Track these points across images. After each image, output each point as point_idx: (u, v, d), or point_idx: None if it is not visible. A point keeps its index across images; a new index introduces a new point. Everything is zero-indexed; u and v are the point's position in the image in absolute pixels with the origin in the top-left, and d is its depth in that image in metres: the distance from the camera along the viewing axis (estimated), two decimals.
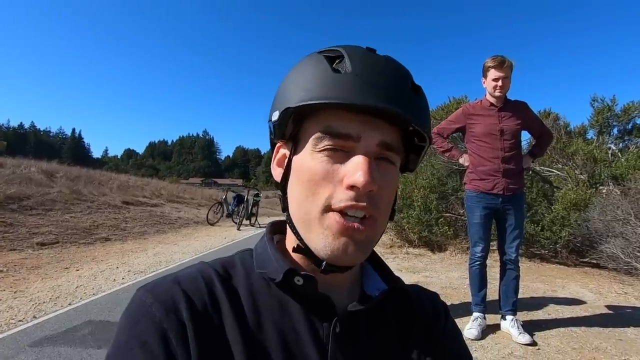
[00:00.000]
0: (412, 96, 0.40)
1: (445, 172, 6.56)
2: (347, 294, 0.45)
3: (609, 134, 7.30)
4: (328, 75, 0.38)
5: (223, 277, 0.42)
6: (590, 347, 2.26)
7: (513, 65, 2.42)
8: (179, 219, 9.92)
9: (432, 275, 4.28)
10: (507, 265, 2.52)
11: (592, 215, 4.51)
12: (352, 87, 0.37)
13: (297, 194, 0.41)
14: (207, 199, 16.40)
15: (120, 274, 4.15)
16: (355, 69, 0.38)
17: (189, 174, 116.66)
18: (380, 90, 0.38)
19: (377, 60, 0.40)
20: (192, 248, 6.16)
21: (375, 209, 0.39)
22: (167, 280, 0.40)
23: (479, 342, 2.34)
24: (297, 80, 0.41)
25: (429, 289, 0.55)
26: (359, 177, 0.36)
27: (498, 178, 2.47)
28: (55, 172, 10.38)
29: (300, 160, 0.41)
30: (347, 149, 0.39)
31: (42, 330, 2.49)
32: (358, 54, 0.40)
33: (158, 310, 0.37)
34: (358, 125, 0.38)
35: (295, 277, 0.40)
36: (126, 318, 0.38)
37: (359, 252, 0.39)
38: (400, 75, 0.41)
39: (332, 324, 0.40)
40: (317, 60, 0.40)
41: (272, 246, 0.45)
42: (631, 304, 3.22)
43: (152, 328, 0.36)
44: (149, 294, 0.38)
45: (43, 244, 5.24)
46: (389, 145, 0.40)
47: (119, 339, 0.36)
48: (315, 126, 0.40)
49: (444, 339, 0.48)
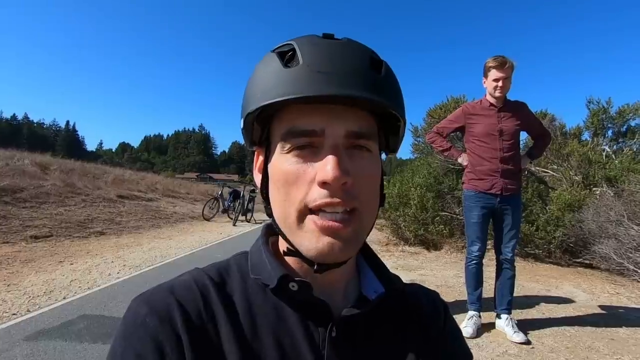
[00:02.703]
0: (372, 75, 0.38)
1: (442, 170, 6.59)
2: (344, 296, 0.44)
3: (604, 135, 7.36)
4: (280, 72, 0.37)
5: (218, 284, 0.42)
6: (584, 347, 2.29)
7: (514, 66, 2.43)
8: (175, 214, 9.88)
9: (428, 274, 4.31)
10: (503, 265, 2.54)
11: (586, 216, 4.56)
12: (303, 79, 0.36)
13: (276, 198, 0.41)
14: (203, 194, 16.33)
15: (115, 268, 4.12)
16: (305, 60, 0.37)
17: (185, 169, 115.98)
18: (333, 76, 0.36)
19: (331, 46, 0.38)
20: (187, 243, 6.14)
21: (354, 200, 0.37)
22: (161, 289, 0.40)
23: (474, 341, 2.36)
24: (253, 83, 0.40)
25: (429, 288, 0.54)
26: (327, 172, 0.35)
27: (496, 178, 2.49)
28: (49, 164, 10.26)
29: (273, 164, 0.40)
30: (315, 145, 0.38)
31: (37, 324, 2.47)
32: (310, 44, 0.38)
33: (152, 321, 0.36)
34: (320, 119, 0.37)
35: (290, 283, 0.39)
36: (122, 329, 0.37)
37: (347, 247, 0.38)
38: (356, 56, 0.38)
39: (328, 329, 0.39)
40: (269, 59, 0.39)
41: (267, 250, 0.44)
42: (623, 304, 3.26)
43: (147, 339, 0.35)
44: (143, 304, 0.38)
45: (37, 237, 5.19)
46: (358, 133, 0.38)
47: (114, 350, 0.36)
48: (281, 127, 0.39)
49: (443, 339, 0.48)
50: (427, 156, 7.22)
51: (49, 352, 2.10)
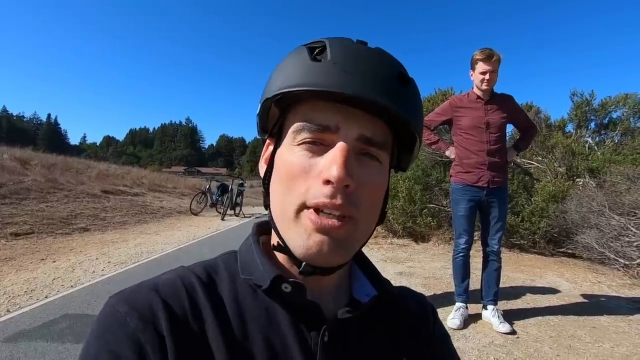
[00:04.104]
0: (397, 86, 0.37)
1: (430, 163, 6.64)
2: (335, 299, 0.43)
3: (587, 127, 7.52)
4: (306, 63, 0.37)
5: (205, 284, 0.39)
6: (567, 335, 2.35)
7: (501, 59, 2.43)
8: (161, 209, 9.73)
9: (416, 266, 4.35)
10: (489, 257, 2.57)
11: (569, 206, 4.66)
12: (327, 74, 0.36)
13: (276, 190, 0.40)
14: (191, 188, 16.12)
15: (99, 265, 4.03)
16: (334, 57, 0.37)
17: (172, 163, 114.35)
18: (358, 78, 0.35)
19: (362, 50, 0.38)
20: (175, 238, 6.06)
21: (353, 208, 0.36)
22: (143, 287, 0.37)
23: (460, 332, 2.40)
24: (278, 71, 0.40)
25: (415, 290, 0.54)
26: (332, 171, 0.34)
27: (483, 171, 2.50)
28: (30, 159, 9.92)
29: (281, 155, 0.40)
30: (326, 142, 0.37)
31: (17, 325, 2.39)
32: (341, 44, 0.38)
33: (133, 321, 0.34)
34: (337, 116, 0.37)
35: (283, 284, 0.38)
36: (97, 328, 0.34)
37: (337, 251, 0.36)
38: (384, 64, 0.38)
39: (321, 333, 0.38)
40: (298, 51, 0.39)
41: (258, 249, 0.42)
42: (604, 292, 3.35)
43: (126, 340, 0.33)
44: (122, 303, 0.35)
45: (17, 234, 5.03)
46: (370, 140, 0.38)
47: (88, 352, 0.33)
48: (296, 118, 0.39)
49: (432, 343, 0.47)
50: None
51: (30, 353, 2.03)
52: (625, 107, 7.21)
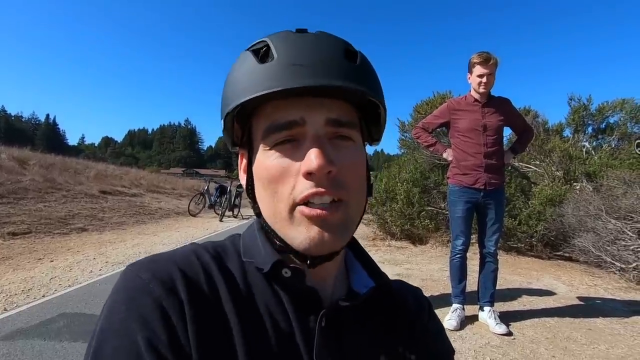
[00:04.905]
0: (346, 64, 0.38)
1: (428, 166, 6.66)
2: (334, 289, 0.44)
3: (584, 132, 7.56)
4: (255, 68, 0.37)
5: (218, 262, 0.41)
6: (563, 337, 2.36)
7: (498, 62, 2.46)
8: (160, 210, 9.72)
9: (413, 268, 4.36)
10: (486, 258, 2.58)
11: (566, 210, 4.68)
12: (278, 73, 0.36)
13: (263, 196, 0.40)
14: (189, 189, 16.12)
15: (97, 265, 4.03)
16: (279, 54, 0.37)
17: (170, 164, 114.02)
18: (307, 68, 0.36)
19: (304, 40, 0.38)
20: (173, 239, 6.05)
21: (341, 190, 0.37)
22: (162, 258, 0.39)
23: (457, 333, 2.41)
24: (230, 83, 0.40)
25: (412, 284, 0.55)
26: (312, 162, 0.35)
27: (480, 173, 2.52)
28: (28, 159, 9.91)
29: (257, 163, 0.40)
30: (297, 138, 0.38)
31: (14, 323, 2.39)
32: (283, 39, 0.38)
33: (157, 288, 0.34)
34: (300, 110, 0.37)
35: (283, 269, 0.39)
36: (121, 293, 0.35)
37: (337, 236, 0.38)
38: (329, 47, 0.38)
39: (318, 319, 0.39)
40: (244, 58, 0.40)
41: (262, 236, 0.43)
42: (600, 295, 3.37)
43: (152, 306, 0.33)
44: (145, 270, 0.36)
45: (15, 233, 5.03)
46: (339, 122, 0.38)
47: (112, 316, 0.33)
48: (260, 125, 0.39)
49: (427, 335, 0.48)
50: (414, 151, 7.28)
51: (27, 351, 2.03)
52: (622, 112, 7.25)
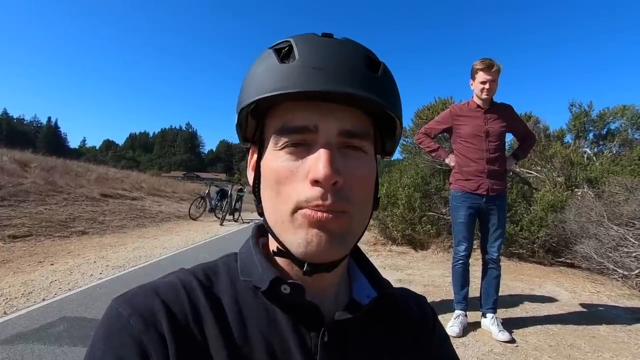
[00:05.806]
0: (368, 74, 0.37)
1: (429, 171, 6.66)
2: (335, 300, 0.43)
3: (585, 138, 7.56)
4: (275, 67, 0.37)
5: (205, 286, 0.40)
6: (566, 344, 2.34)
7: (501, 69, 2.46)
8: (160, 213, 9.71)
9: (415, 273, 4.34)
10: (488, 265, 2.57)
11: (568, 216, 4.67)
12: (298, 74, 0.35)
13: (267, 196, 0.40)
14: (190, 193, 16.09)
15: (97, 268, 4.02)
16: (301, 56, 0.36)
17: (171, 167, 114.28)
18: (328, 73, 0.35)
19: (327, 44, 0.38)
20: (173, 243, 6.04)
21: (345, 203, 0.36)
22: (145, 290, 0.38)
23: (460, 340, 2.39)
24: (249, 79, 0.40)
25: (416, 292, 0.54)
26: (319, 170, 0.34)
27: (482, 179, 2.52)
28: (29, 161, 9.93)
29: (266, 162, 0.40)
30: (308, 143, 0.37)
31: (14, 327, 2.38)
32: (306, 41, 0.38)
33: (136, 323, 0.34)
34: (314, 115, 0.36)
35: (282, 286, 0.38)
36: (102, 331, 0.35)
37: (335, 244, 0.36)
38: (352, 54, 0.38)
39: (320, 334, 0.38)
40: (266, 56, 0.39)
41: (258, 251, 0.43)
42: (603, 302, 3.35)
43: (130, 343, 0.33)
44: (126, 305, 0.36)
45: (15, 236, 5.01)
46: (352, 133, 0.37)
47: (93, 354, 0.34)
48: (274, 124, 0.39)
49: (432, 345, 0.48)
50: (415, 157, 7.28)
51: (27, 355, 2.02)
52: (623, 118, 7.26)
